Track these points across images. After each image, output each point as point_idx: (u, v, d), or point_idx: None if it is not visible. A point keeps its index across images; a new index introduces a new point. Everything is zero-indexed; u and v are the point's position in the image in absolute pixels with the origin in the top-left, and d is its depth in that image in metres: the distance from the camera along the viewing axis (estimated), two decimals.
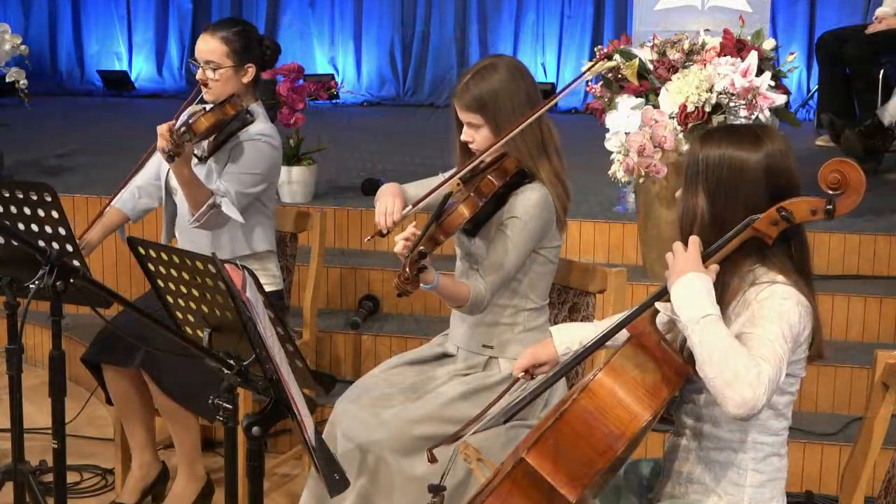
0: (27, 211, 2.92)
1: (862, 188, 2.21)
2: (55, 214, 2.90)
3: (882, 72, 5.83)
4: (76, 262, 2.83)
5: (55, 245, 2.91)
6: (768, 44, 4.09)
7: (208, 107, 3.45)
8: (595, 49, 4.26)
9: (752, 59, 3.86)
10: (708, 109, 3.80)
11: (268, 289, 3.50)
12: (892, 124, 5.65)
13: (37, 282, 2.42)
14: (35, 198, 2.89)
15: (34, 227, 2.93)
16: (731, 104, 3.81)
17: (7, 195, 2.93)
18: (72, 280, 2.42)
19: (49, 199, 2.89)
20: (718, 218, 2.27)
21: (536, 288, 3.01)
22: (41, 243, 2.84)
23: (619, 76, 4.09)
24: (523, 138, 2.89)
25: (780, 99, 3.90)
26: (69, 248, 2.93)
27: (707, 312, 2.15)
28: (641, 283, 4.17)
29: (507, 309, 3.00)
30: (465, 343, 3.06)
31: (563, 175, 2.98)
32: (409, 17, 8.69)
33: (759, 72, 3.87)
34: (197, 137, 3.36)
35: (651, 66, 4.03)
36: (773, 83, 3.90)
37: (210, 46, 3.48)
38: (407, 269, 2.61)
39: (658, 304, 2.24)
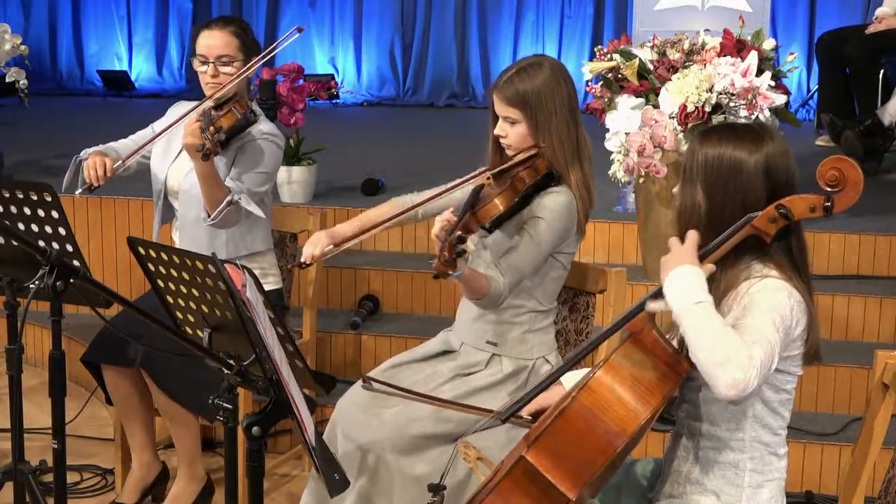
0: (27, 211, 2.92)
1: (860, 185, 2.22)
2: (55, 214, 2.90)
3: (882, 72, 5.84)
4: (76, 262, 2.83)
5: (55, 245, 2.91)
6: (768, 44, 4.09)
7: (209, 103, 3.42)
8: (595, 49, 4.25)
9: (752, 59, 3.86)
10: (708, 109, 3.80)
11: (268, 287, 3.50)
12: (892, 124, 5.65)
13: (37, 282, 2.42)
14: (35, 198, 2.89)
15: (34, 227, 2.93)
16: (731, 104, 3.80)
17: (7, 195, 2.93)
18: (72, 280, 2.42)
19: (49, 199, 2.89)
20: (716, 214, 2.28)
21: (546, 291, 3.02)
22: (41, 243, 2.84)
23: (619, 76, 4.09)
24: (560, 142, 2.91)
25: (780, 99, 3.90)
26: (69, 248, 2.93)
27: (699, 300, 2.14)
28: (641, 283, 4.17)
29: (514, 308, 3.00)
30: (469, 338, 3.06)
31: (592, 184, 2.99)
32: (409, 17, 8.70)
33: (759, 72, 3.87)
34: (223, 136, 3.32)
35: (651, 66, 4.03)
36: (773, 83, 3.89)
37: (222, 41, 3.47)
38: (446, 252, 2.62)
39: (650, 303, 2.24)
